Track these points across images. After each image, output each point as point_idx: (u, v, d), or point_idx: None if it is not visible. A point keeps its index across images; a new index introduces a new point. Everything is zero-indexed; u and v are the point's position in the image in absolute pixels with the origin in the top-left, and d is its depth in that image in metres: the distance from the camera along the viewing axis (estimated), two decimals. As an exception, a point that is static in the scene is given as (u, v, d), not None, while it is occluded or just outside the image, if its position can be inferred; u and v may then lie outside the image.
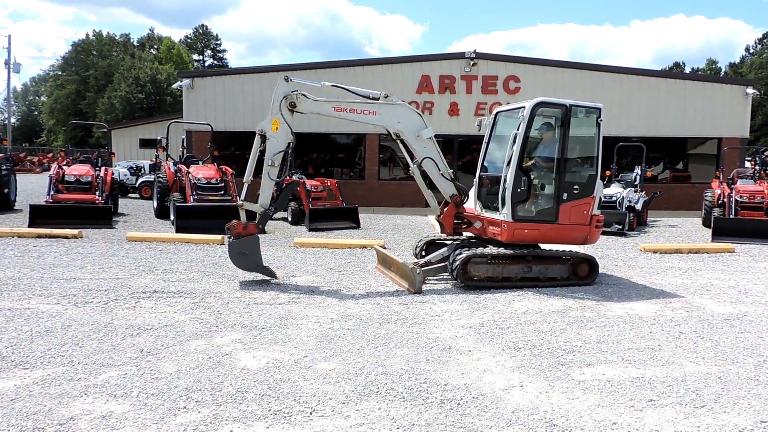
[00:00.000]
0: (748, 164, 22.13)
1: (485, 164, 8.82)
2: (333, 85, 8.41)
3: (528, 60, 21.43)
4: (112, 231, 12.41)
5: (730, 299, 7.51)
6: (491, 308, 6.78)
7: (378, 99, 8.21)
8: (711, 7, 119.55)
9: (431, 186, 8.58)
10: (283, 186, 8.87)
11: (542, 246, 8.42)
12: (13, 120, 64.36)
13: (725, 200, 14.68)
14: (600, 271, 8.69)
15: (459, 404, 4.08)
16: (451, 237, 8.84)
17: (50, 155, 47.33)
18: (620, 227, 13.86)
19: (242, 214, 7.91)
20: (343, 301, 6.99)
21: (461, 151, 20.47)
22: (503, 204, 7.88)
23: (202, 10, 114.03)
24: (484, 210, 8.56)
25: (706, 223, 15.29)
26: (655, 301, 7.35)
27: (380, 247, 9.73)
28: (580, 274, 8.14)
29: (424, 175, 8.40)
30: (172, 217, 13.48)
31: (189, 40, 78.51)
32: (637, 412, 4.02)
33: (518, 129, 7.78)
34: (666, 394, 4.34)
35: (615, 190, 15.13)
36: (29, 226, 11.96)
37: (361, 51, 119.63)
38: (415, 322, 6.13)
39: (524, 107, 7.85)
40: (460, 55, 20.37)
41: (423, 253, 8.99)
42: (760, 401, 4.25)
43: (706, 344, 5.60)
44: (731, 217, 13.88)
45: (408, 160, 8.57)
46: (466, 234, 8.88)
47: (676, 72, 62.04)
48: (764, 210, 14.13)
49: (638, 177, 16.18)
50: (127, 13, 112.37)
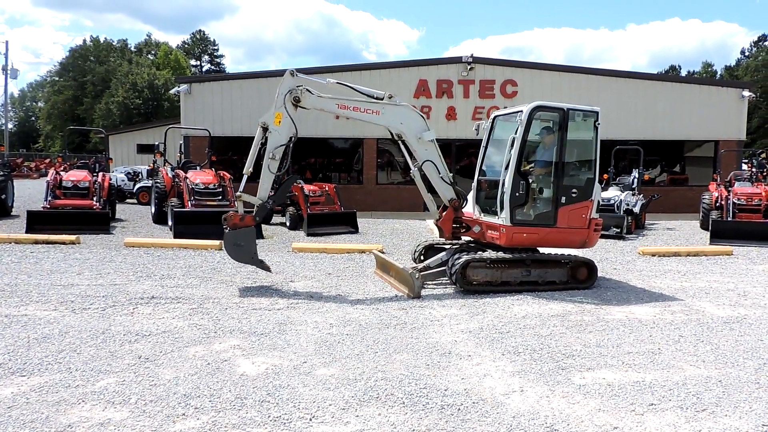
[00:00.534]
0: (744, 167, 22.19)
1: (483, 168, 8.81)
2: (338, 83, 8.42)
3: (525, 64, 21.50)
4: (109, 237, 12.37)
5: (729, 302, 7.51)
6: (490, 313, 6.76)
7: (382, 99, 8.21)
8: (706, 11, 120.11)
9: (431, 190, 8.57)
10: (283, 180, 8.81)
11: (541, 250, 8.42)
12: (10, 125, 64.31)
13: (723, 203, 14.70)
14: (599, 274, 8.68)
15: (459, 410, 4.06)
16: (449, 241, 8.82)
17: (47, 161, 47.21)
18: (618, 230, 13.88)
19: (240, 206, 7.89)
20: (342, 306, 6.97)
21: (459, 155, 20.48)
22: (502, 208, 7.87)
23: (199, 16, 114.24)
24: (482, 214, 8.55)
25: (704, 226, 15.31)
26: (655, 304, 7.34)
27: (379, 251, 9.71)
28: (579, 278, 8.14)
29: (425, 179, 8.39)
30: (170, 223, 13.45)
31: (186, 46, 78.55)
32: (638, 417, 4.01)
33: (516, 133, 7.78)
34: (667, 398, 4.33)
35: (613, 193, 15.15)
36: (26, 232, 11.92)
37: (359, 56, 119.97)
38: (414, 327, 6.11)
39: (522, 111, 7.86)
40: (457, 60, 20.40)
41: (422, 258, 8.97)
42: (761, 405, 4.24)
43: (706, 347, 5.59)
44: (729, 219, 13.90)
45: (409, 163, 8.57)
46: (465, 238, 8.87)
47: (672, 75, 62.23)
48: (762, 212, 14.16)
49: (636, 180, 16.20)
50: (124, 18, 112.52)
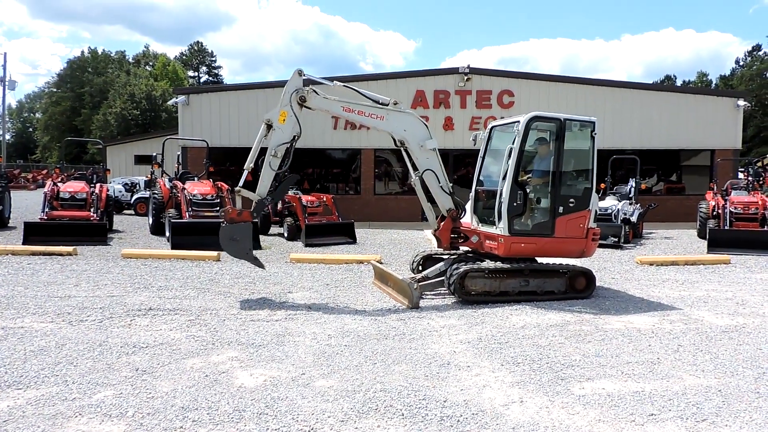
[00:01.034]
0: (741, 175, 22.28)
1: (481, 178, 8.83)
2: (344, 85, 8.47)
3: (521, 74, 21.60)
4: (107, 248, 12.34)
5: (727, 311, 7.51)
6: (489, 323, 6.75)
7: (387, 105, 8.24)
8: (700, 21, 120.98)
9: (430, 199, 8.58)
10: (282, 178, 8.80)
11: (539, 259, 8.42)
12: (7, 136, 64.29)
13: (720, 212, 14.73)
14: (597, 284, 8.67)
15: (459, 421, 4.04)
16: (448, 251, 8.82)
17: (44, 172, 47.21)
18: (616, 240, 13.89)
19: (238, 201, 7.90)
20: (340, 317, 6.95)
21: (456, 165, 20.52)
22: (500, 218, 7.88)
23: (197, 27, 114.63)
24: (480, 224, 8.55)
25: (701, 235, 15.33)
26: (653, 313, 7.33)
27: (377, 262, 9.70)
28: (578, 288, 8.13)
29: (425, 188, 8.40)
30: (167, 234, 13.42)
31: (184, 57, 78.85)
32: (638, 427, 3.99)
33: (513, 143, 7.81)
34: (667, 408, 4.31)
35: (610, 202, 15.19)
36: (23, 244, 11.89)
37: (356, 66, 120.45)
38: (413, 338, 6.09)
39: (519, 122, 7.89)
40: (454, 71, 20.50)
41: (420, 268, 8.96)
42: (761, 414, 4.23)
43: (705, 357, 5.58)
44: (726, 228, 13.93)
45: (410, 171, 8.59)
46: (463, 248, 8.87)
47: (668, 85, 62.63)
48: (759, 221, 14.19)
49: (633, 189, 16.23)
50: (122, 30, 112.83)
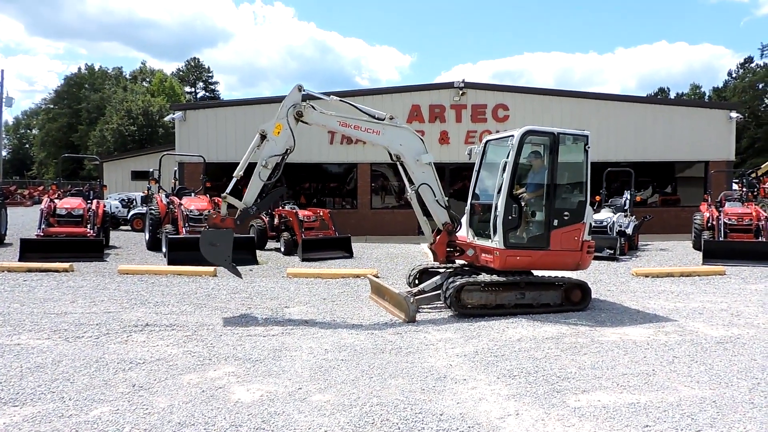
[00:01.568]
0: (735, 186, 22.42)
1: (476, 192, 8.89)
2: (341, 100, 8.55)
3: (516, 88, 21.76)
4: (103, 264, 12.33)
5: (722, 322, 7.54)
6: (485, 336, 6.77)
7: (383, 120, 8.31)
8: (692, 34, 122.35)
9: (427, 213, 8.63)
10: (270, 190, 8.81)
11: (535, 272, 8.45)
12: (3, 153, 64.29)
13: (714, 223, 14.81)
14: (593, 296, 8.71)
15: (455, 434, 4.05)
16: (444, 265, 8.85)
17: (41, 188, 47.21)
18: (612, 252, 13.94)
19: (223, 207, 7.89)
20: (336, 331, 6.96)
21: (452, 179, 20.61)
22: (495, 231, 7.93)
23: (194, 44, 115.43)
24: (476, 237, 8.60)
25: (696, 246, 15.40)
26: (649, 325, 7.36)
27: (373, 276, 9.72)
28: (573, 300, 8.16)
29: (421, 202, 8.45)
30: (164, 249, 13.42)
31: (181, 73, 79.27)
32: (633, 439, 4.01)
33: (508, 157, 7.88)
34: (662, 420, 4.34)
35: (605, 215, 15.27)
36: (20, 260, 11.88)
37: (351, 81, 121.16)
38: (409, 352, 6.11)
39: (513, 136, 7.97)
40: (449, 85, 20.66)
41: (416, 282, 8.99)
42: (755, 425, 4.25)
43: (700, 368, 5.61)
44: (721, 239, 14.00)
45: (406, 185, 8.64)
46: (459, 262, 8.90)
47: (661, 98, 63.12)
48: (753, 232, 14.27)
49: (628, 201, 16.32)
50: (118, 47, 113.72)
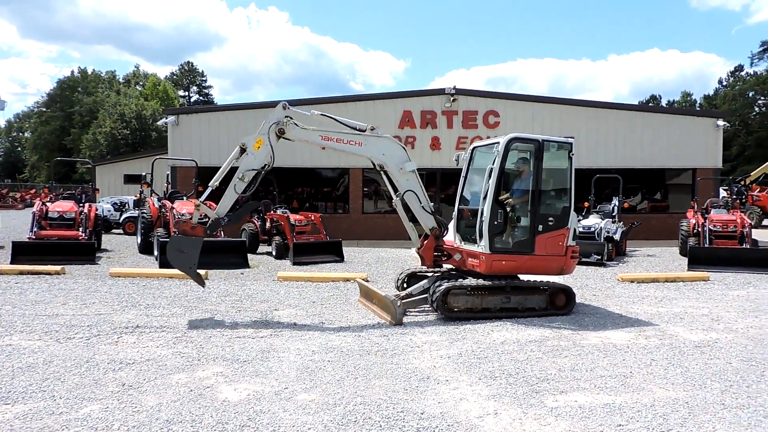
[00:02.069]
0: (724, 193, 22.72)
1: (463, 198, 9.06)
2: (322, 114, 8.66)
3: (506, 95, 22.03)
4: (95, 267, 12.41)
5: (702, 327, 7.72)
6: (470, 339, 6.92)
7: (365, 131, 8.44)
8: (684, 42, 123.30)
9: (413, 219, 8.77)
10: (243, 203, 8.88)
11: (522, 277, 8.61)
12: (-5, 156, 64.11)
13: (700, 230, 15.05)
14: (578, 300, 8.89)
15: (435, 431, 4.19)
16: (431, 269, 9.00)
17: (33, 191, 47.09)
18: (599, 257, 14.13)
19: (195, 215, 7.97)
20: (324, 333, 7.09)
21: (443, 184, 20.81)
22: (481, 236, 8.09)
23: (188, 47, 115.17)
24: (463, 242, 8.75)
25: (683, 253, 15.61)
26: (630, 329, 7.53)
27: (363, 280, 9.85)
28: (558, 304, 8.32)
29: (406, 208, 8.60)
30: (155, 253, 13.51)
31: (175, 77, 79.26)
32: (606, 437, 4.16)
33: (493, 164, 8.05)
34: (635, 419, 4.49)
35: (593, 221, 15.46)
36: (11, 263, 11.94)
37: (346, 86, 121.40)
38: (395, 353, 6.24)
39: (499, 143, 8.14)
40: (440, 91, 20.88)
41: (405, 286, 9.13)
42: (724, 425, 4.41)
43: (676, 371, 5.77)
44: (706, 246, 14.23)
45: (391, 193, 8.78)
46: (447, 266, 9.05)
47: (650, 106, 63.64)
48: (737, 239, 14.51)
49: (615, 208, 16.55)
50: (112, 50, 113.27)
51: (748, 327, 7.70)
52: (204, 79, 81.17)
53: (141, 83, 75.30)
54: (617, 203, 16.72)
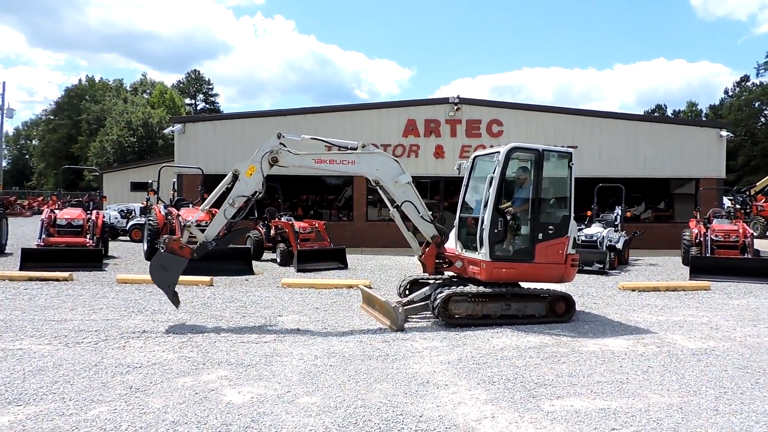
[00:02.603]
0: (728, 203, 22.75)
1: (465, 206, 9.19)
2: (312, 138, 8.80)
3: (510, 105, 22.19)
4: (102, 273, 12.59)
5: (700, 335, 7.80)
6: (470, 345, 7.03)
7: (356, 149, 8.57)
8: (691, 51, 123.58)
9: (413, 228, 8.89)
10: (233, 228, 8.98)
11: (523, 285, 8.71)
12: (3, 163, 64.72)
13: (702, 239, 15.11)
14: (578, 308, 8.98)
15: (432, 434, 4.31)
16: (433, 276, 9.12)
17: (40, 198, 47.48)
18: (601, 266, 14.21)
19: (185, 235, 8.04)
20: (327, 339, 7.22)
21: (447, 192, 20.95)
22: (481, 244, 8.21)
23: (194, 56, 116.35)
24: (464, 250, 8.88)
25: (685, 262, 15.67)
26: (629, 337, 7.62)
27: (365, 286, 9.98)
28: (558, 312, 8.42)
29: (404, 218, 8.73)
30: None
31: (181, 85, 79.95)
32: (599, 440, 4.27)
33: (494, 172, 8.19)
34: (629, 424, 4.60)
35: (595, 229, 15.55)
36: (20, 269, 12.12)
37: (351, 94, 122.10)
38: (396, 359, 6.36)
39: (499, 152, 8.28)
40: (444, 101, 21.06)
41: (407, 292, 9.26)
42: (716, 429, 4.51)
43: (672, 377, 5.87)
44: (708, 255, 14.29)
45: (388, 205, 8.91)
46: (448, 273, 9.17)
47: (653, 116, 63.67)
48: (739, 248, 14.57)
49: (618, 217, 16.63)
50: (119, 58, 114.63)
51: (746, 336, 7.78)
52: (210, 87, 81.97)
53: (148, 91, 75.94)
54: (620, 212, 16.81)
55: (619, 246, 15.51)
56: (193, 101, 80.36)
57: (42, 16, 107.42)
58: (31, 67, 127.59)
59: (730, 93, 70.11)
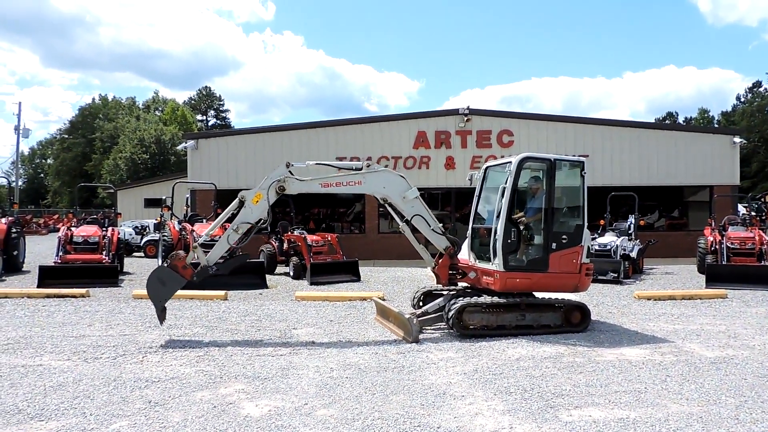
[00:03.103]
0: (743, 210, 22.53)
1: (477, 216, 9.21)
2: (317, 164, 8.90)
3: (520, 115, 22.23)
4: (118, 289, 12.71)
5: (718, 344, 7.73)
6: (486, 355, 7.02)
7: (361, 169, 8.62)
8: (701, 58, 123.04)
9: (424, 240, 8.90)
10: (236, 254, 9.03)
11: (537, 294, 8.69)
12: (19, 182, 65.64)
13: (717, 247, 14.98)
14: (594, 318, 8.93)
15: (451, 445, 4.30)
16: (447, 287, 9.12)
17: (56, 216, 48.04)
18: (616, 275, 14.12)
19: (191, 255, 8.06)
20: (342, 351, 7.24)
21: (458, 203, 20.97)
22: (495, 254, 8.21)
23: (205, 73, 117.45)
24: (477, 260, 8.88)
25: (701, 270, 15.53)
26: (646, 346, 7.57)
27: (379, 298, 10.00)
28: (573, 322, 8.38)
29: (414, 231, 8.74)
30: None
31: (193, 102, 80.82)
32: (619, 450, 4.24)
33: (506, 183, 8.21)
34: (648, 433, 4.56)
35: (609, 238, 15.47)
36: (38, 287, 12.28)
37: (360, 107, 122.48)
38: (411, 370, 6.37)
39: (511, 162, 8.31)
40: (454, 112, 21.15)
41: (420, 304, 9.26)
42: (737, 438, 4.47)
43: (691, 386, 5.82)
44: (724, 263, 14.16)
45: (397, 220, 8.93)
46: (462, 284, 9.17)
47: (665, 123, 63.42)
48: (756, 256, 14.42)
49: (632, 225, 16.54)
50: (131, 77, 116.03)
51: (766, 344, 7.70)
52: (221, 103, 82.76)
53: (160, 108, 76.81)
54: (633, 221, 16.72)
55: (633, 255, 15.42)
56: (205, 117, 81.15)
57: (55, 37, 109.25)
58: (46, 87, 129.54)
59: (743, 99, 69.64)
